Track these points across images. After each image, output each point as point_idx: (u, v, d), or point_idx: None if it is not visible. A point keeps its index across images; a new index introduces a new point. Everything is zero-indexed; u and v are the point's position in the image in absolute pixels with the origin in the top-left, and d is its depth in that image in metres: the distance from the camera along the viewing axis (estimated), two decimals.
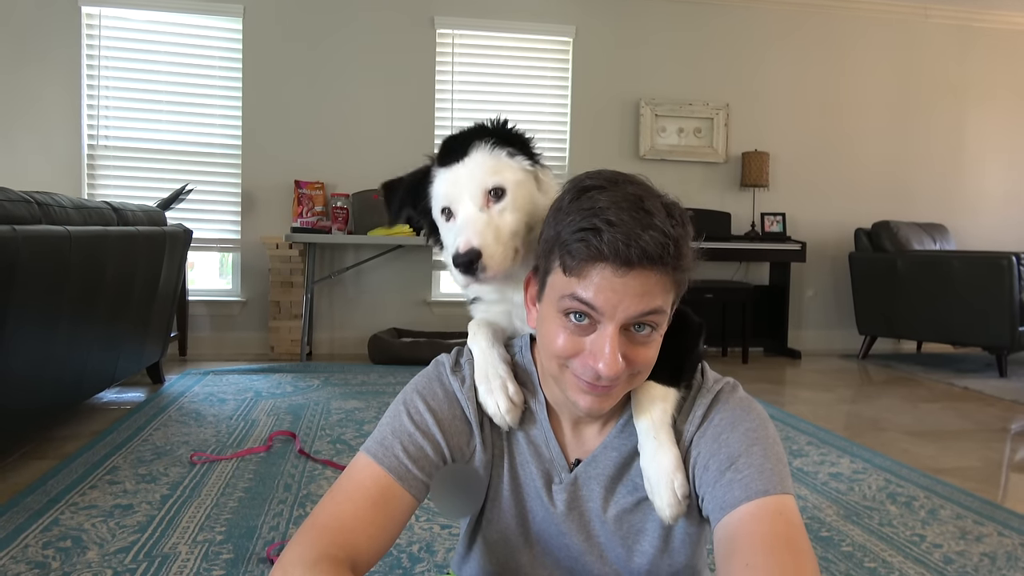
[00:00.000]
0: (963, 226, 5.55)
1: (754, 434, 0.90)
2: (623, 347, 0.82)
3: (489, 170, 0.93)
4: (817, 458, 2.66)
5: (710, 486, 0.88)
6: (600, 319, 0.82)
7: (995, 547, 1.91)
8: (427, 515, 2.02)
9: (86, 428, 2.83)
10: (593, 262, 0.81)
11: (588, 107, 5.07)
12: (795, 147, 5.33)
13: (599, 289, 0.81)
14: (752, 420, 0.92)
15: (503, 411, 0.95)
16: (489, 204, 0.92)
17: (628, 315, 0.81)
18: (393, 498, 0.90)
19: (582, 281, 0.81)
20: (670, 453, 0.91)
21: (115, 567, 1.67)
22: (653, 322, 0.84)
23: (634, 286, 0.80)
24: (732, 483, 0.85)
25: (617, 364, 0.81)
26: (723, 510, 0.85)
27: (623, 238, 0.78)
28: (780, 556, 0.79)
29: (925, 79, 5.51)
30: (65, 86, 4.49)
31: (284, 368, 4.12)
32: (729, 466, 0.87)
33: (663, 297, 0.83)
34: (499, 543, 1.01)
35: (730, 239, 5.03)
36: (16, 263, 2.09)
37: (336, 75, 4.77)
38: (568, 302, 0.83)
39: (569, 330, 0.84)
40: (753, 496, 0.84)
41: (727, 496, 0.85)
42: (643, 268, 0.80)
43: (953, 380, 4.29)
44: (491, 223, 0.91)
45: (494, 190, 0.92)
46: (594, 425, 0.98)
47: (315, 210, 4.55)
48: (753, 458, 0.87)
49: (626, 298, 0.80)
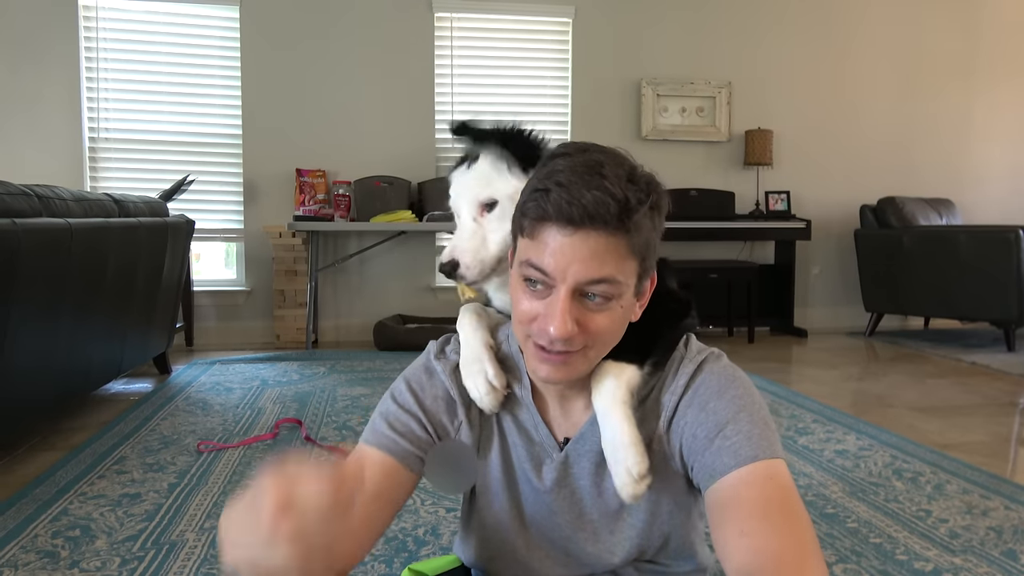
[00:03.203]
0: (970, 201, 5.51)
1: (740, 401, 0.89)
2: (576, 312, 0.82)
3: (485, 182, 0.97)
4: (823, 435, 2.65)
5: (699, 454, 0.88)
6: (553, 283, 0.82)
7: (1002, 521, 1.91)
8: (432, 499, 2.03)
9: (94, 419, 2.85)
10: (541, 223, 0.82)
11: (589, 88, 5.04)
12: (799, 124, 5.28)
13: (550, 252, 0.82)
14: (737, 387, 0.91)
15: (482, 394, 0.96)
16: (483, 214, 0.97)
17: (577, 279, 0.81)
18: (385, 474, 0.92)
19: (535, 244, 0.83)
20: (622, 430, 0.90)
21: (123, 555, 1.69)
22: (604, 292, 0.83)
23: (582, 249, 0.80)
24: (721, 450, 0.85)
25: (566, 327, 0.81)
26: (712, 477, 0.85)
27: (567, 197, 0.79)
28: (774, 520, 0.79)
29: (931, 53, 5.45)
30: (64, 79, 4.48)
31: (290, 356, 4.13)
32: (717, 433, 0.86)
33: (616, 265, 0.82)
34: (494, 527, 1.01)
35: (734, 218, 5.01)
36: (17, 256, 2.10)
37: (334, 62, 4.74)
38: (524, 268, 0.84)
39: (528, 295, 0.85)
40: (743, 462, 0.83)
41: (716, 463, 0.85)
42: (589, 228, 0.80)
43: (961, 355, 4.27)
44: (477, 235, 0.97)
45: (488, 203, 0.97)
46: (579, 403, 0.97)
47: (317, 198, 4.55)
48: (741, 424, 0.86)
49: (575, 262, 0.80)
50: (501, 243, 0.96)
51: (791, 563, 0.77)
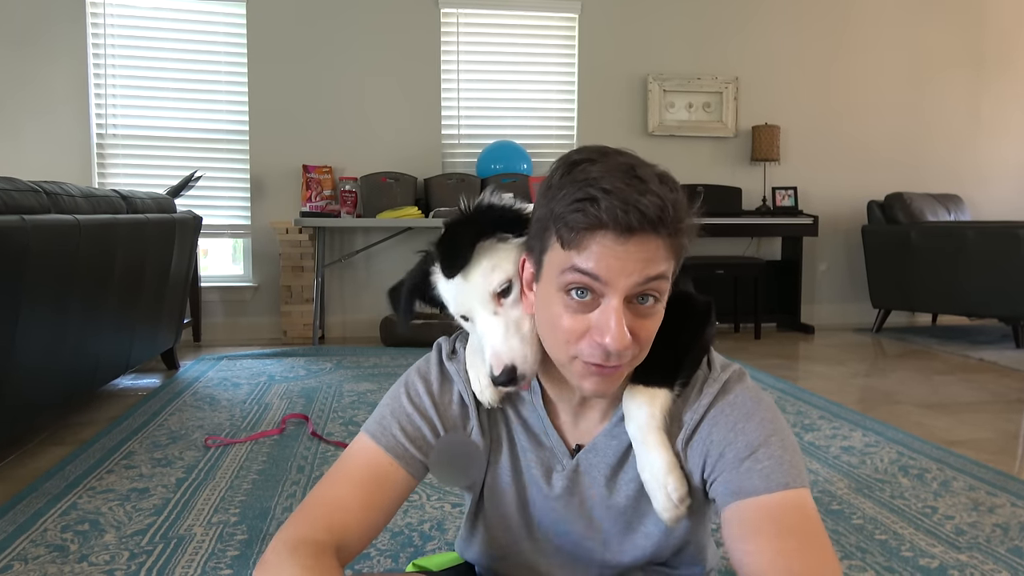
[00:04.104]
0: (978, 196, 5.48)
1: (771, 425, 0.89)
2: (628, 321, 0.80)
3: (488, 271, 0.90)
4: (829, 432, 2.65)
5: (725, 472, 0.87)
6: (603, 291, 0.79)
7: (1008, 518, 1.90)
8: (438, 494, 2.04)
9: (102, 414, 2.87)
10: (592, 231, 0.78)
11: (595, 84, 5.03)
12: (806, 120, 5.26)
13: (600, 258, 0.78)
14: (765, 411, 0.91)
15: (483, 386, 0.96)
16: (500, 303, 0.90)
17: (631, 283, 0.79)
18: (389, 477, 0.92)
19: (582, 253, 0.79)
20: (660, 457, 0.90)
21: (132, 549, 1.70)
22: (656, 290, 0.81)
23: (635, 253, 0.78)
24: (751, 472, 0.85)
25: (625, 337, 0.78)
26: (738, 496, 0.85)
27: (620, 204, 0.76)
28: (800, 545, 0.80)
29: (939, 48, 5.41)
30: (72, 75, 4.50)
31: (297, 352, 4.15)
32: (749, 455, 0.86)
33: (665, 263, 0.81)
34: (500, 529, 1.01)
35: (741, 214, 5.00)
36: (26, 252, 2.11)
37: (341, 58, 4.75)
38: (569, 275, 0.80)
39: (572, 308, 0.81)
40: (774, 488, 0.84)
41: (745, 484, 0.85)
42: (644, 234, 0.78)
43: (968, 352, 4.26)
44: (509, 326, 0.89)
45: (502, 290, 0.90)
46: (594, 413, 0.97)
47: (324, 194, 4.56)
48: (772, 449, 0.87)
49: (628, 264, 0.78)
50: (530, 319, 0.90)
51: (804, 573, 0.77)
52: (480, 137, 4.95)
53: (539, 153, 4.93)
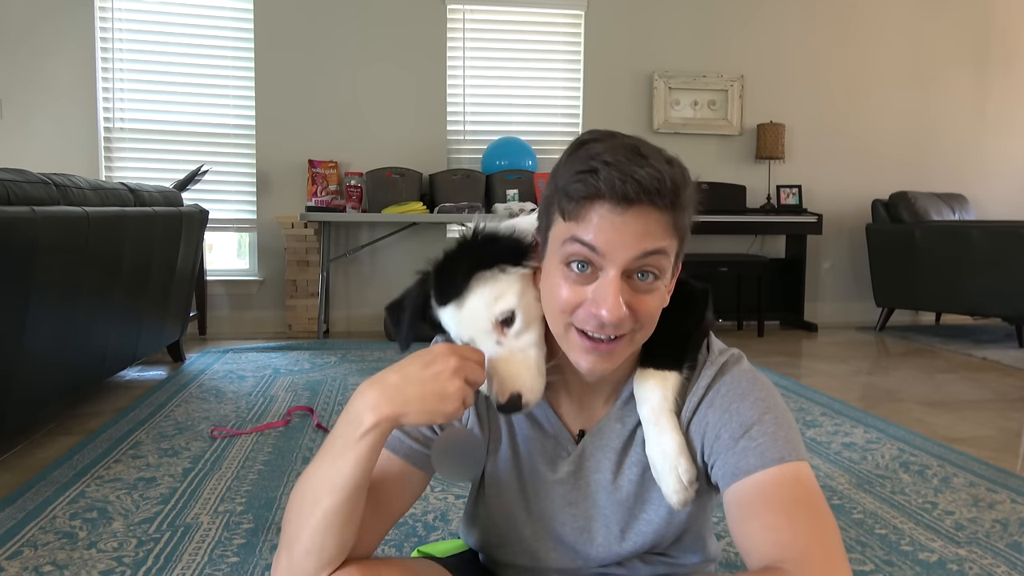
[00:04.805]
0: (984, 196, 5.47)
1: (765, 403, 0.90)
2: (626, 295, 0.81)
3: (490, 300, 0.88)
4: (831, 428, 2.66)
5: (722, 454, 0.88)
6: (602, 264, 0.81)
7: (1008, 514, 1.92)
8: (442, 486, 2.06)
9: (110, 405, 2.89)
10: (591, 201, 0.80)
11: (601, 81, 5.04)
12: (811, 118, 5.26)
13: (598, 229, 0.80)
14: (760, 390, 0.92)
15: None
16: (504, 331, 0.89)
17: (629, 256, 0.80)
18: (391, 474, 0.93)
19: (581, 224, 0.81)
20: (673, 439, 0.91)
21: (140, 536, 1.72)
22: (655, 266, 0.82)
23: (634, 224, 0.79)
24: (747, 451, 0.86)
25: (620, 309, 0.79)
26: (736, 476, 0.85)
27: (619, 175, 0.78)
28: (802, 518, 0.80)
29: (944, 47, 5.41)
30: (79, 69, 4.52)
31: (302, 346, 4.17)
32: (743, 434, 0.87)
33: (665, 239, 0.82)
34: (500, 516, 1.02)
35: (745, 212, 5.00)
36: (37, 243, 2.14)
37: (347, 53, 4.77)
38: (569, 247, 0.82)
39: (571, 280, 0.83)
40: (769, 464, 0.84)
41: (741, 463, 0.86)
42: (642, 205, 0.79)
43: (971, 351, 4.26)
44: (514, 355, 0.88)
45: (505, 318, 0.89)
46: (598, 398, 0.98)
47: (329, 189, 4.58)
48: (766, 426, 0.87)
49: (626, 236, 0.79)
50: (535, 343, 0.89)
51: (818, 557, 0.77)
52: (485, 133, 4.97)
53: (544, 149, 4.94)
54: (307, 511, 0.81)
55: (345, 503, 0.80)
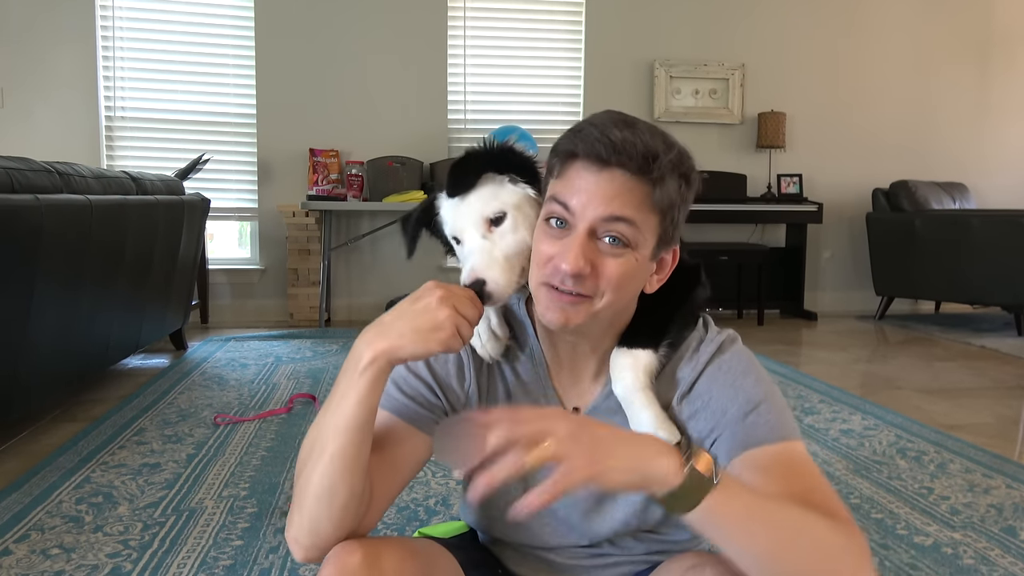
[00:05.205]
0: (983, 185, 5.47)
1: (765, 385, 0.93)
2: (591, 254, 0.85)
3: (489, 198, 0.94)
4: (829, 415, 2.68)
5: (729, 426, 0.90)
6: (574, 222, 0.85)
7: (1003, 499, 1.94)
8: (443, 471, 2.08)
9: (113, 392, 2.91)
10: (572, 160, 0.86)
11: (601, 69, 5.03)
12: (812, 107, 5.26)
13: (574, 189, 0.85)
14: (759, 371, 0.95)
15: (484, 340, 0.98)
16: (491, 230, 0.94)
17: (596, 215, 0.84)
18: (396, 430, 0.94)
19: (562, 182, 0.87)
20: (649, 413, 0.93)
21: (145, 520, 1.75)
22: (620, 233, 0.85)
23: (605, 187, 0.84)
24: (756, 425, 0.88)
25: (578, 261, 0.83)
26: (747, 447, 0.88)
27: (598, 134, 0.83)
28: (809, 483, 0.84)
29: (946, 35, 5.39)
30: (80, 58, 4.52)
31: (303, 334, 4.19)
32: (752, 409, 0.90)
33: (634, 208, 0.84)
34: (499, 494, 1.03)
35: (746, 201, 5.01)
36: (41, 231, 2.15)
37: (348, 42, 4.76)
38: (549, 206, 0.87)
39: (549, 236, 0.87)
40: (776, 439, 0.87)
41: (752, 435, 0.88)
42: (615, 168, 0.83)
43: (970, 339, 4.28)
44: (493, 249, 0.93)
45: (495, 217, 0.94)
46: (587, 374, 1.00)
47: (330, 178, 4.59)
48: (772, 404, 0.91)
49: (596, 197, 0.84)
50: (517, 248, 0.93)
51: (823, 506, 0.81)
52: (486, 121, 4.96)
53: (545, 138, 4.93)
54: (315, 458, 0.85)
55: (350, 445, 0.83)
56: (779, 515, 0.77)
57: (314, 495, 0.84)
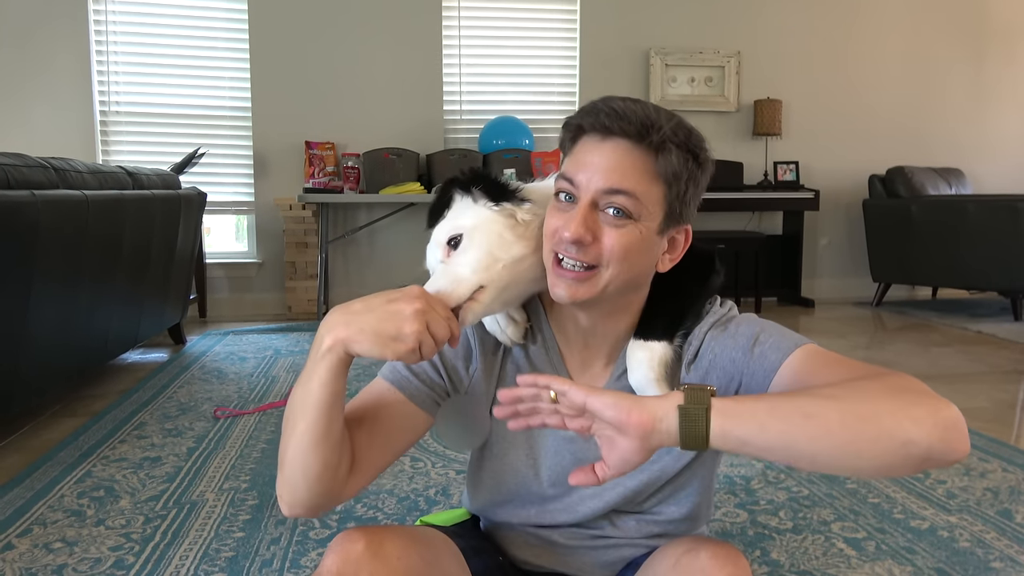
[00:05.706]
0: (980, 170, 5.47)
1: (759, 322, 0.96)
2: (594, 225, 0.86)
3: (446, 225, 0.96)
4: None
5: (744, 367, 0.91)
6: (579, 195, 0.87)
7: (999, 482, 1.95)
8: (443, 460, 2.09)
9: (113, 387, 2.92)
10: (579, 135, 0.90)
11: (597, 58, 5.02)
12: (808, 94, 5.25)
13: (580, 163, 0.88)
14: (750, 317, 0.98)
15: (503, 327, 0.99)
16: (448, 254, 0.94)
17: (598, 187, 0.86)
18: (395, 403, 0.96)
19: (571, 159, 0.90)
20: None
21: (146, 513, 1.76)
22: (621, 205, 0.86)
23: (609, 157, 0.86)
24: (763, 355, 0.90)
25: (578, 229, 0.85)
26: (768, 376, 0.89)
27: (605, 107, 0.86)
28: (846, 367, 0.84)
29: (942, 21, 5.38)
30: (75, 52, 4.50)
31: (302, 327, 4.20)
32: (752, 344, 0.91)
33: (637, 180, 0.86)
34: (508, 473, 1.04)
35: (742, 189, 5.01)
36: (38, 227, 2.15)
37: (343, 34, 4.74)
38: (558, 183, 0.90)
39: (558, 210, 0.90)
40: (787, 354, 0.88)
41: (764, 364, 0.89)
42: (618, 138, 0.86)
43: (967, 324, 4.29)
44: (446, 272, 0.91)
45: (452, 240, 0.94)
46: (598, 360, 1.01)
47: (326, 170, 4.58)
48: (769, 331, 0.93)
49: (598, 172, 0.86)
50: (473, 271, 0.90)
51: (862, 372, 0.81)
52: (482, 112, 4.96)
53: (541, 128, 4.93)
54: (288, 433, 0.87)
55: (317, 423, 0.84)
56: (802, 398, 0.75)
57: (290, 463, 0.87)
